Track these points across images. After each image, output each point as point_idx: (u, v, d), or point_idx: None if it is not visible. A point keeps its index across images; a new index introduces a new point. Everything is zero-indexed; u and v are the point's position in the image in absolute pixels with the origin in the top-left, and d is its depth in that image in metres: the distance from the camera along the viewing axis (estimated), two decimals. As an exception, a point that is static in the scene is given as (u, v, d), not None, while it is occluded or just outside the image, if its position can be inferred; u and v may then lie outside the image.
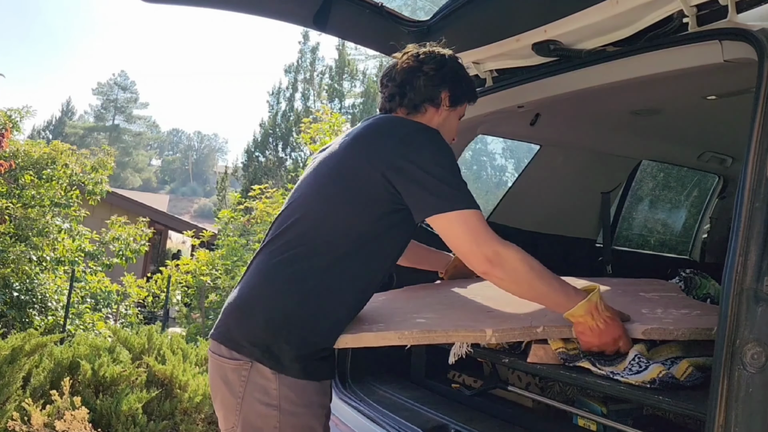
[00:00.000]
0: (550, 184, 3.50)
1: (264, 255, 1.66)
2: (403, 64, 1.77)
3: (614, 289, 2.08)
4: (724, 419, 1.19)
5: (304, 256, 1.58)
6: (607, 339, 1.56)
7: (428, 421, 1.99)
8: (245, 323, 1.57)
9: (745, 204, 1.26)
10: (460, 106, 1.82)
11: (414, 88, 1.74)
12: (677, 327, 1.58)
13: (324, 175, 1.68)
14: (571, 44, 1.99)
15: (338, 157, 1.67)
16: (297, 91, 23.99)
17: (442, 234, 1.58)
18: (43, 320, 6.24)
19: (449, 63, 1.79)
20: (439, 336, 1.60)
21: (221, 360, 1.58)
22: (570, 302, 1.54)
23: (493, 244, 1.54)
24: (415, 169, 1.54)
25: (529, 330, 1.62)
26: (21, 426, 3.55)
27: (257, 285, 1.61)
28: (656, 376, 1.51)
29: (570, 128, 3.21)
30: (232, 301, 1.64)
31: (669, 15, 1.71)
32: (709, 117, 2.90)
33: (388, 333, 1.58)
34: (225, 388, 1.56)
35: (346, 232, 1.59)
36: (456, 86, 1.78)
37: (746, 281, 1.22)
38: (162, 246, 15.77)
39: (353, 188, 1.59)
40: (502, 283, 1.56)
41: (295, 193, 1.74)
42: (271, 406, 1.51)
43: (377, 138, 1.63)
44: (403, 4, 2.31)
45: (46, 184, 7.03)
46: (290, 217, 1.65)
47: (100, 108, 63.19)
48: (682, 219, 4.63)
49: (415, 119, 1.73)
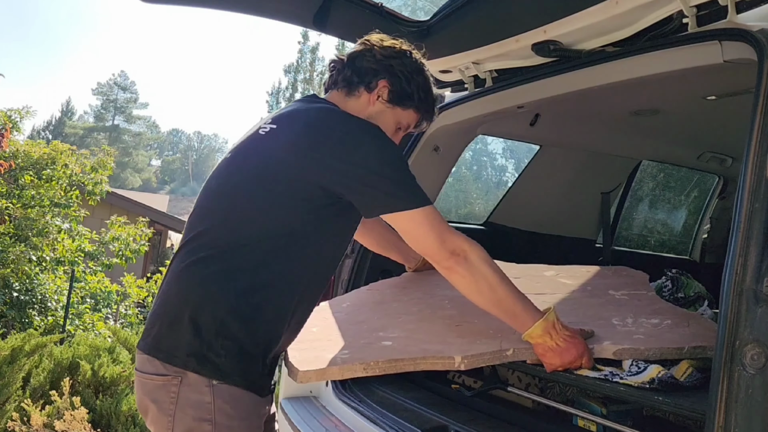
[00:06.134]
0: (550, 184, 3.50)
1: (185, 256, 1.50)
2: (360, 44, 1.67)
3: (583, 288, 2.06)
4: (723, 420, 1.19)
5: (227, 253, 1.45)
6: (570, 357, 1.53)
7: (428, 422, 1.98)
8: (175, 331, 1.43)
9: (745, 204, 1.26)
10: (401, 108, 1.65)
11: (355, 65, 1.63)
12: (648, 347, 1.58)
13: (245, 169, 1.54)
14: (571, 44, 1.99)
15: (264, 150, 1.54)
16: (297, 91, 23.99)
17: (404, 232, 1.53)
18: (42, 320, 6.24)
19: (404, 59, 1.64)
20: (406, 364, 1.55)
21: (147, 378, 1.46)
22: (526, 315, 1.51)
23: (457, 239, 1.50)
24: (361, 170, 1.46)
25: (500, 354, 1.57)
26: (21, 426, 3.55)
27: (184, 289, 1.47)
28: (656, 377, 1.51)
29: (570, 128, 3.21)
30: (157, 309, 1.50)
31: (669, 15, 1.71)
32: (708, 117, 2.90)
33: (353, 365, 1.53)
34: (154, 407, 1.44)
35: (272, 228, 1.47)
36: (400, 82, 1.62)
37: (746, 282, 1.22)
38: (162, 246, 15.76)
39: (280, 186, 1.47)
40: (462, 281, 1.51)
41: (212, 183, 1.58)
42: (205, 421, 1.40)
43: (312, 138, 1.49)
44: (402, 5, 2.31)
45: (46, 185, 7.03)
46: (211, 216, 1.52)
47: (100, 108, 63.15)
48: (682, 219, 4.63)
49: (347, 103, 1.62)
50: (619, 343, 1.59)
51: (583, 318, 1.77)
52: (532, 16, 1.99)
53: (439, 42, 2.26)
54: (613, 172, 3.74)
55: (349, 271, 2.50)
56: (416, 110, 1.68)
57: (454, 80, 2.49)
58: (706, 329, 1.67)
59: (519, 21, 2.04)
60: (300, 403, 2.34)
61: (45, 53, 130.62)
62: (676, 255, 4.52)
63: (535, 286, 2.09)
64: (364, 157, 1.47)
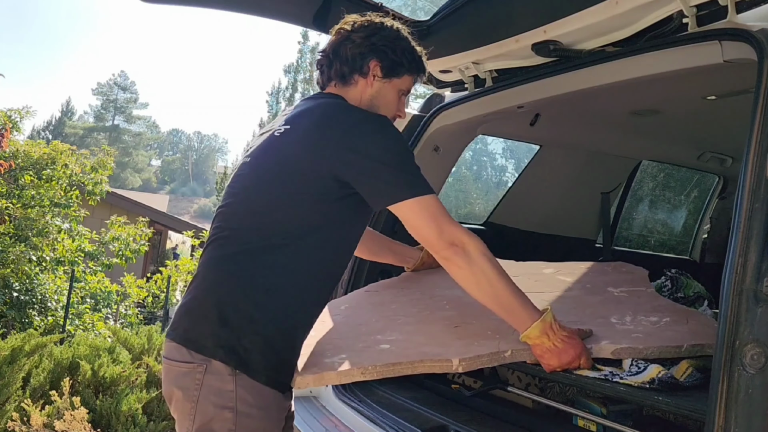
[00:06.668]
0: (550, 184, 3.50)
1: (214, 251, 1.57)
2: (336, 34, 1.68)
3: (582, 285, 2.05)
4: (723, 420, 1.19)
5: (255, 251, 1.51)
6: (568, 358, 1.52)
7: (428, 422, 1.98)
8: (205, 324, 1.49)
9: (745, 204, 1.26)
10: (397, 78, 1.68)
11: (340, 57, 1.65)
12: (647, 345, 1.57)
13: (266, 169, 1.59)
14: (571, 44, 1.99)
15: (281, 149, 1.58)
16: (297, 91, 24.02)
17: (405, 221, 1.53)
18: (42, 320, 6.24)
19: (382, 31, 1.66)
20: (404, 368, 1.54)
21: (175, 365, 1.51)
22: (524, 312, 1.51)
23: (457, 230, 1.50)
24: (366, 160, 1.49)
25: (497, 355, 1.56)
26: (21, 426, 3.55)
27: (212, 282, 1.53)
28: (656, 377, 1.51)
29: (570, 128, 3.21)
30: (188, 303, 1.55)
31: (669, 15, 1.71)
32: (708, 117, 2.90)
33: (351, 369, 1.52)
34: (179, 393, 1.49)
35: (296, 225, 1.52)
36: (387, 55, 1.64)
37: (746, 282, 1.22)
38: (162, 246, 15.76)
39: (298, 182, 1.52)
40: (460, 272, 1.51)
41: (236, 185, 1.63)
42: (227, 408, 1.44)
43: (321, 132, 1.54)
44: (402, 5, 2.31)
45: (46, 185, 7.03)
46: (236, 215, 1.58)
47: (100, 108, 63.18)
48: (682, 219, 4.63)
49: (347, 92, 1.66)
50: (618, 343, 1.58)
51: (581, 317, 1.76)
52: (532, 16, 1.99)
53: (439, 42, 2.26)
54: (613, 172, 3.75)
55: (349, 271, 2.50)
56: (409, 73, 1.71)
57: (454, 80, 2.49)
58: (705, 326, 1.66)
59: (519, 21, 2.04)
60: (300, 403, 2.34)
61: (45, 53, 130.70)
62: (676, 255, 4.52)
63: (534, 284, 2.08)
64: (366, 147, 1.51)
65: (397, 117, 1.73)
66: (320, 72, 1.72)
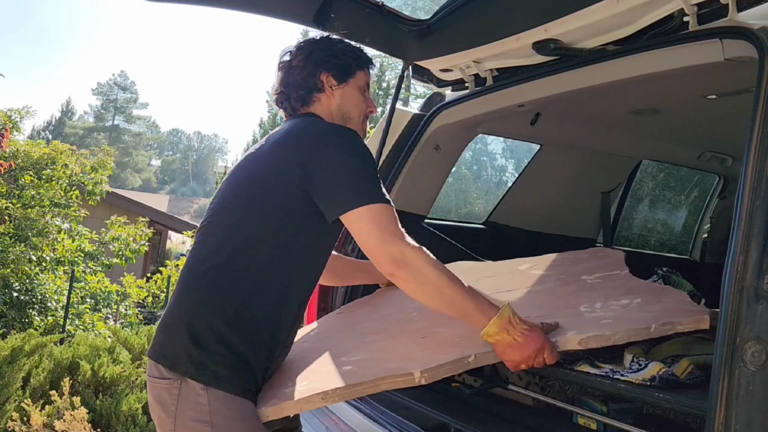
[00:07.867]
0: (551, 183, 3.50)
1: (189, 269, 1.59)
2: (279, 71, 1.75)
3: (556, 277, 2.01)
4: (724, 417, 1.19)
5: (225, 267, 1.51)
6: (529, 352, 1.46)
7: (428, 420, 1.99)
8: (176, 340, 1.50)
9: (745, 203, 1.26)
10: (352, 78, 1.72)
11: (292, 85, 1.70)
12: (614, 331, 1.49)
13: (241, 182, 1.63)
14: (572, 43, 1.99)
15: (256, 163, 1.63)
16: (297, 91, 23.97)
17: (352, 232, 1.50)
18: (42, 320, 6.24)
19: (316, 45, 1.72)
20: (366, 387, 1.46)
21: (154, 381, 1.53)
22: (480, 312, 1.47)
23: (400, 243, 1.45)
24: (325, 168, 1.50)
25: (461, 361, 1.49)
26: (21, 426, 3.55)
27: (185, 298, 1.55)
28: (657, 374, 1.51)
29: (570, 128, 3.21)
30: (163, 319, 1.58)
31: (669, 14, 1.71)
32: (709, 116, 2.90)
33: (311, 396, 1.45)
34: (159, 409, 1.51)
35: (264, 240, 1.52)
36: (332, 63, 1.69)
37: (746, 279, 1.22)
38: (162, 246, 15.76)
39: (270, 194, 1.53)
40: (407, 286, 1.47)
41: (215, 201, 1.67)
42: (204, 423, 1.44)
43: (292, 142, 1.59)
44: (403, 4, 2.31)
45: (46, 185, 7.04)
46: (213, 230, 1.59)
47: (100, 108, 63.20)
48: (683, 219, 4.63)
49: (315, 111, 1.70)
50: (585, 332, 1.51)
51: (551, 310, 1.71)
52: (533, 14, 1.99)
53: (440, 41, 2.26)
54: (613, 172, 3.75)
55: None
56: (360, 69, 1.74)
57: (454, 79, 2.49)
58: (677, 303, 1.60)
59: (519, 19, 2.04)
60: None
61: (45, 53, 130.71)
62: (676, 255, 4.52)
63: (509, 282, 2.06)
64: (330, 156, 1.52)
65: (370, 113, 1.75)
66: (283, 109, 1.76)
